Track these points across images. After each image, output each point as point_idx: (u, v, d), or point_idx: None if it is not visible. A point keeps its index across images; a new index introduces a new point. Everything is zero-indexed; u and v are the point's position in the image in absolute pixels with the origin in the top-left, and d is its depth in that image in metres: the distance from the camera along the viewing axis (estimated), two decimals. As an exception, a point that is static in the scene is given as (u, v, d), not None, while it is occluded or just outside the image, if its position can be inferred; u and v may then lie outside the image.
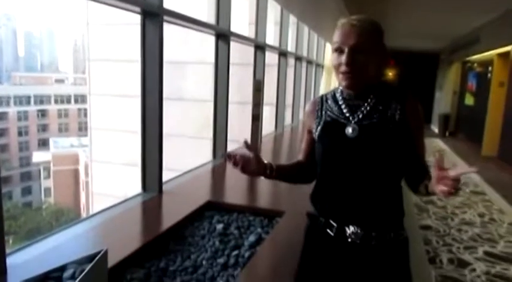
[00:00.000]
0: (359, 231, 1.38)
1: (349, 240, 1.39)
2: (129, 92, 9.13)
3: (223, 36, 4.53)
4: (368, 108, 1.37)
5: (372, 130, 1.35)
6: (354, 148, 1.36)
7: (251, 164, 1.42)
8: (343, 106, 1.41)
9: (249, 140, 1.39)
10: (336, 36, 1.34)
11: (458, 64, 12.98)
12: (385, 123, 1.35)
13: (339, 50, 1.33)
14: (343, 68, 1.32)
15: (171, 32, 4.66)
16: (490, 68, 9.42)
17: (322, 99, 1.49)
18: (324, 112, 1.46)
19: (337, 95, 1.45)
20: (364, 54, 1.30)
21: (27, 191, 35.37)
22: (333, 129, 1.41)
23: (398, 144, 1.35)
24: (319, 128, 1.45)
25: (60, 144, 34.95)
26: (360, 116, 1.37)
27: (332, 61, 1.37)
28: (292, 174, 1.56)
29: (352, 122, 1.38)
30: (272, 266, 2.29)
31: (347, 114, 1.40)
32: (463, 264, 3.62)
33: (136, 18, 3.16)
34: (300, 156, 1.59)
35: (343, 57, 1.31)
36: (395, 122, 1.35)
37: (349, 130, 1.37)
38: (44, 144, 39.16)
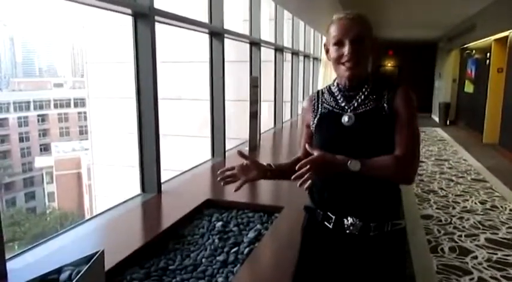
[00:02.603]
0: (357, 222, 1.40)
1: (348, 231, 1.41)
2: (127, 93, 9.12)
3: (217, 34, 4.53)
4: (362, 97, 1.41)
5: (366, 117, 1.39)
6: (350, 136, 1.39)
7: (251, 172, 1.49)
8: (338, 97, 1.45)
9: (244, 148, 1.43)
10: (334, 30, 1.39)
11: (457, 52, 12.94)
12: (378, 111, 1.38)
13: (339, 43, 1.37)
14: (345, 59, 1.37)
15: (167, 31, 4.66)
16: (488, 54, 9.38)
17: (318, 94, 1.54)
18: (320, 105, 1.50)
19: (333, 87, 1.49)
20: (363, 45, 1.37)
21: (30, 196, 35.41)
22: (329, 119, 1.45)
23: (392, 131, 1.37)
24: (315, 119, 1.49)
25: (61, 149, 35.01)
26: (355, 105, 1.41)
27: (331, 54, 1.41)
28: (292, 171, 1.56)
29: (348, 111, 1.41)
30: (272, 261, 2.30)
31: (342, 104, 1.44)
32: (464, 252, 3.62)
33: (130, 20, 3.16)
34: (299, 152, 1.61)
35: (345, 49, 1.36)
36: (387, 108, 1.38)
37: (345, 118, 1.41)
38: (45, 149, 39.19)
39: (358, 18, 1.39)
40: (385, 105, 1.38)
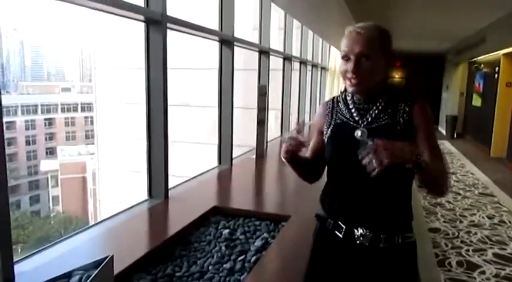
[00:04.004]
0: (367, 233, 1.39)
1: (358, 242, 1.40)
2: (135, 99, 9.19)
3: (227, 42, 4.55)
4: (377, 111, 1.40)
5: (380, 132, 1.36)
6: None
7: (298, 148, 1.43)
8: (353, 110, 1.44)
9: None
10: (343, 44, 1.37)
11: (465, 65, 12.91)
12: (393, 125, 1.37)
13: (346, 58, 1.36)
14: (349, 75, 1.35)
15: (177, 37, 4.70)
16: (496, 68, 9.36)
17: (334, 102, 1.52)
18: (334, 114, 1.49)
19: (348, 98, 1.47)
20: (370, 61, 1.33)
21: (35, 199, 35.49)
22: (343, 131, 1.44)
23: None
24: (329, 129, 1.48)
25: (67, 153, 35.16)
26: (369, 119, 1.40)
27: (340, 68, 1.41)
28: (305, 167, 1.56)
29: (362, 125, 1.40)
30: (278, 270, 2.28)
31: (356, 118, 1.42)
32: (472, 267, 3.58)
33: (141, 26, 3.18)
34: (307, 154, 1.60)
35: (350, 64, 1.34)
36: (403, 124, 1.37)
37: (358, 133, 1.39)
38: (51, 152, 39.37)
39: (369, 32, 1.34)
40: (400, 119, 1.37)
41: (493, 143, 9.21)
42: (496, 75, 9.32)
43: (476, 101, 11.39)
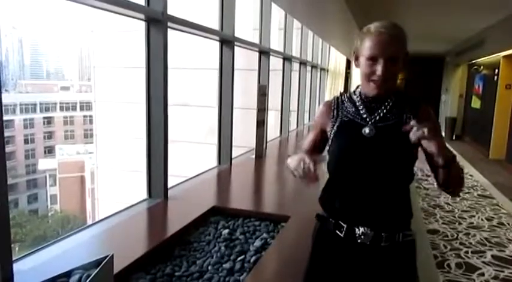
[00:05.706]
0: (369, 231, 1.38)
1: (359, 241, 1.40)
2: (134, 98, 9.19)
3: (227, 42, 4.54)
4: (385, 111, 1.41)
5: (387, 131, 1.38)
6: (370, 147, 1.38)
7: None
8: (360, 107, 1.44)
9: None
10: (369, 45, 1.34)
11: (464, 67, 12.92)
12: (400, 126, 1.35)
13: (373, 59, 1.34)
14: (376, 78, 1.34)
15: (177, 37, 4.69)
16: (496, 71, 9.37)
17: (338, 101, 1.51)
18: (340, 112, 1.47)
19: (354, 97, 1.47)
20: (396, 63, 1.34)
21: (33, 198, 35.43)
22: (350, 128, 1.43)
23: (411, 147, 1.36)
24: (335, 126, 1.46)
25: (66, 152, 35.11)
26: (377, 118, 1.40)
27: (362, 68, 1.38)
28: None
29: (370, 122, 1.40)
30: (278, 270, 2.27)
31: (364, 115, 1.42)
32: (471, 268, 3.57)
33: (141, 25, 3.18)
34: (305, 147, 1.56)
35: (379, 67, 1.33)
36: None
37: (366, 130, 1.39)
38: (50, 151, 39.30)
39: (397, 34, 1.35)
40: (407, 120, 1.38)
41: (492, 145, 9.21)
42: (496, 77, 9.32)
43: (476, 103, 11.39)
